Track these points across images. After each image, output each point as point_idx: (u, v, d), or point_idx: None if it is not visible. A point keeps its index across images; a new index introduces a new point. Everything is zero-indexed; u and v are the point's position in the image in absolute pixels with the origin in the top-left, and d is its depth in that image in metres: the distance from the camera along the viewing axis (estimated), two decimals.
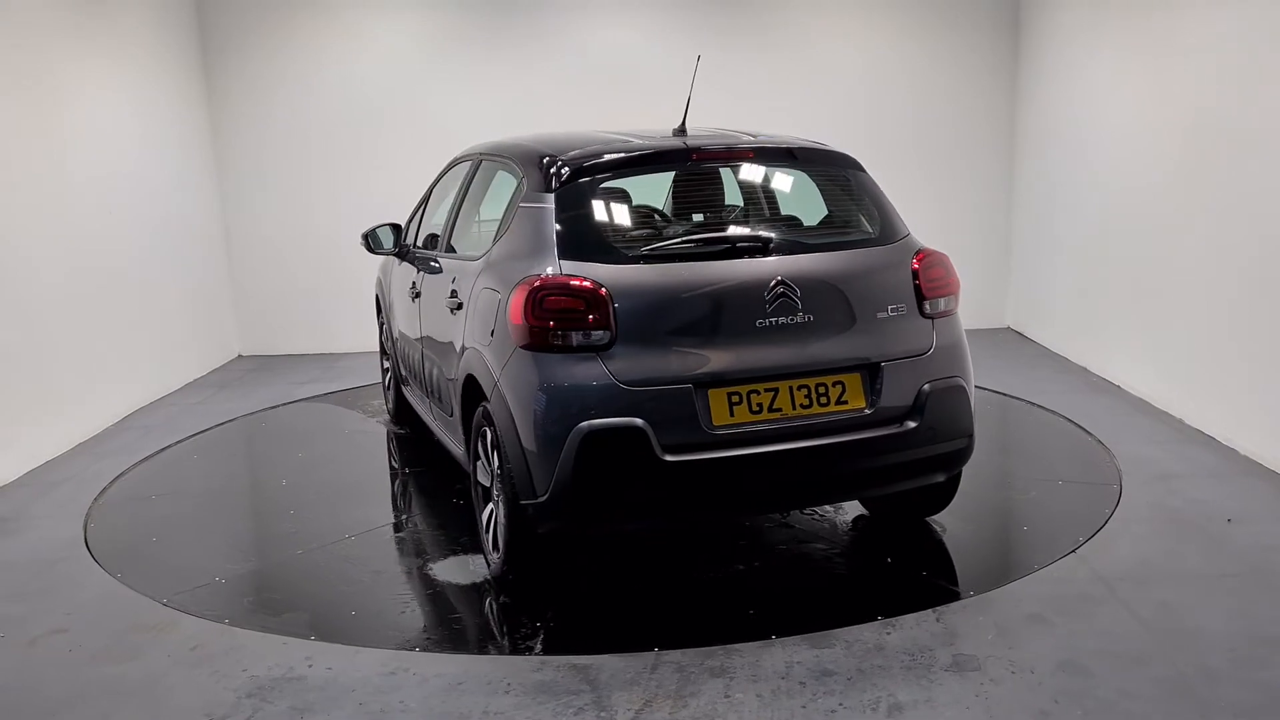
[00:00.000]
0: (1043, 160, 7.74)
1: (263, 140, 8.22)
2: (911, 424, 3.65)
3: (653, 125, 4.80)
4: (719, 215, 4.23)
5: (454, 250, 4.69)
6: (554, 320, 3.42)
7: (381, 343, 6.39)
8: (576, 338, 3.41)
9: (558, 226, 3.64)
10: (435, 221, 5.54)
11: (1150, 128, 6.00)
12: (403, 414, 6.07)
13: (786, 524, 4.39)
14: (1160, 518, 4.30)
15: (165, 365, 7.24)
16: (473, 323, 3.93)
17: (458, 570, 4.08)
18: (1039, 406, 6.00)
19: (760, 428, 3.48)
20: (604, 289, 3.43)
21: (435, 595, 3.88)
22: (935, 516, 4.39)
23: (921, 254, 3.86)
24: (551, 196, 3.72)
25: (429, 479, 5.25)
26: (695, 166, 4.05)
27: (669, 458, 3.37)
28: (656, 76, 8.05)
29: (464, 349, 4.01)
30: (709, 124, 4.80)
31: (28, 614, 3.79)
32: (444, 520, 4.64)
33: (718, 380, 3.46)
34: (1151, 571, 3.80)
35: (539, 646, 3.41)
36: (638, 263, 3.57)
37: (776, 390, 3.52)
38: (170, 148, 7.50)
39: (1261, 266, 4.87)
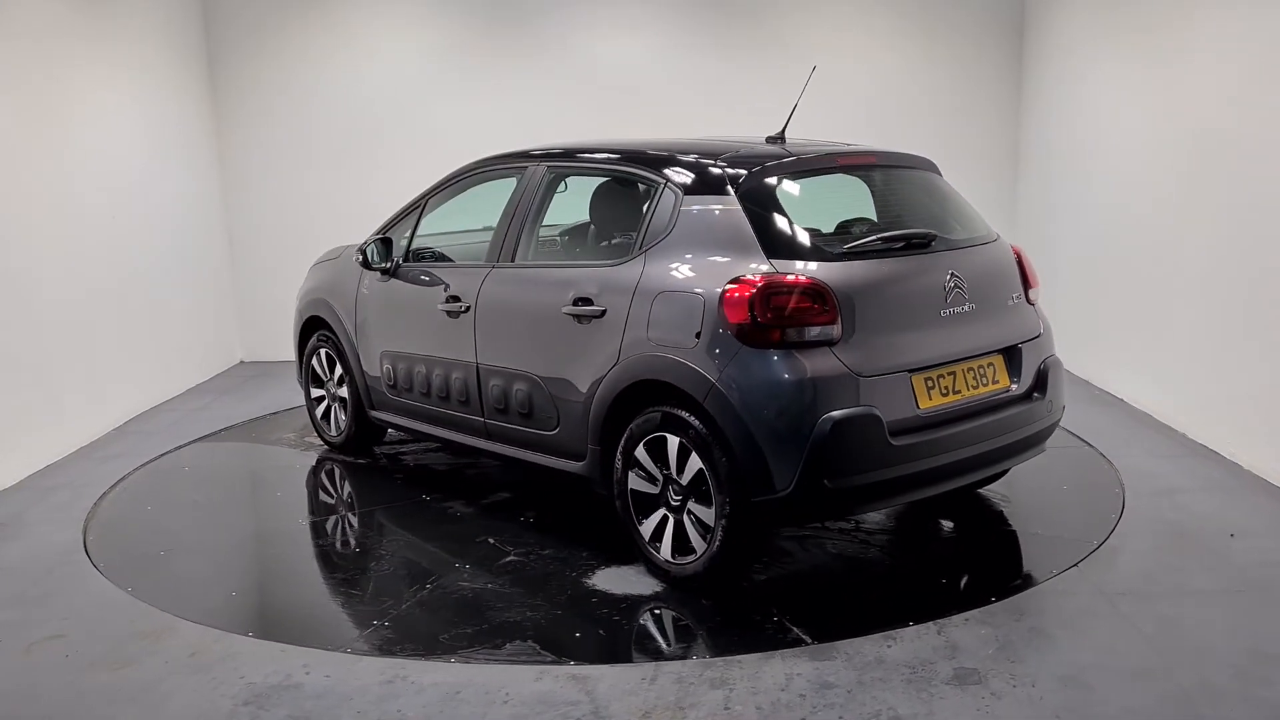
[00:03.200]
0: (1045, 172, 7.73)
1: (266, 147, 8.23)
2: (1039, 397, 4.12)
3: (663, 135, 4.79)
4: (875, 215, 4.35)
5: (520, 262, 4.47)
6: (789, 317, 3.55)
7: (312, 369, 5.86)
8: (811, 333, 3.56)
9: (751, 225, 3.75)
10: (442, 233, 5.42)
11: (1153, 141, 5.99)
12: (363, 442, 5.69)
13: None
14: (1163, 532, 4.29)
15: (166, 370, 7.24)
16: (650, 329, 3.83)
17: (622, 582, 3.95)
18: None
19: (951, 408, 3.81)
20: (830, 285, 3.59)
21: (633, 609, 3.75)
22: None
23: (1015, 249, 4.34)
24: (734, 197, 3.82)
25: (454, 504, 4.90)
26: (840, 171, 4.28)
27: (896, 441, 3.59)
28: (660, 88, 8.08)
29: (623, 358, 3.90)
30: (722, 134, 4.73)
31: (24, 620, 3.78)
32: (538, 542, 4.37)
33: (921, 366, 3.74)
34: (1154, 586, 3.79)
35: (808, 637, 3.45)
36: (843, 259, 3.75)
37: (955, 373, 3.85)
38: (174, 154, 7.51)
39: (1266, 280, 4.85)
